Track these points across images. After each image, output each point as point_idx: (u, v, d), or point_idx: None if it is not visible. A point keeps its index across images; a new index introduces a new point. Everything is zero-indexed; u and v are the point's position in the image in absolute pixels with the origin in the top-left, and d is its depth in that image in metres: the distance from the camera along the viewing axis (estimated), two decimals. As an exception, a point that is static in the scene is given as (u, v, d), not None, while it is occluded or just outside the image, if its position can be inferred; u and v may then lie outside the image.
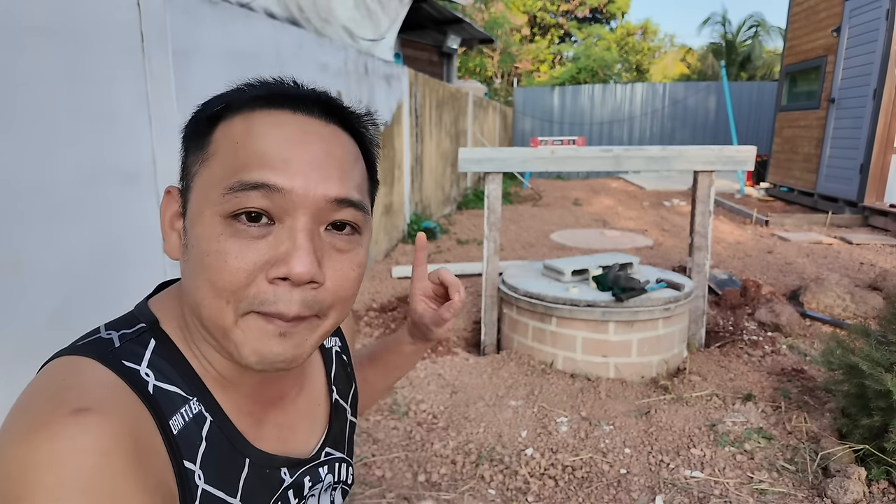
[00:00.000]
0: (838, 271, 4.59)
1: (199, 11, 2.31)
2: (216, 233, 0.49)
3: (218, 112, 0.53)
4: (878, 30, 6.60)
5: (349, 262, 0.53)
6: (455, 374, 2.79)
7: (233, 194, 0.48)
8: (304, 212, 0.50)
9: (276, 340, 0.50)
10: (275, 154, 0.49)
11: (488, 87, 19.53)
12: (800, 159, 8.45)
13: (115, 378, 0.49)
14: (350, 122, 0.56)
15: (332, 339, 0.76)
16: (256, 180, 0.48)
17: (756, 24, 17.80)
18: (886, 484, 1.91)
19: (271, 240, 0.49)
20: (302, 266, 0.48)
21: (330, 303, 0.53)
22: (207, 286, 0.49)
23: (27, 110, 1.54)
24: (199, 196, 0.51)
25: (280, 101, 0.52)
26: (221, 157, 0.51)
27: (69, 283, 1.68)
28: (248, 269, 0.48)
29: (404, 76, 5.55)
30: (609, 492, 1.96)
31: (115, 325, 0.55)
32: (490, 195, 3.02)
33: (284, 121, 0.51)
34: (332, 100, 0.55)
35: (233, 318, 0.50)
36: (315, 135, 0.52)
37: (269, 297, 0.49)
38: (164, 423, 0.50)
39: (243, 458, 0.57)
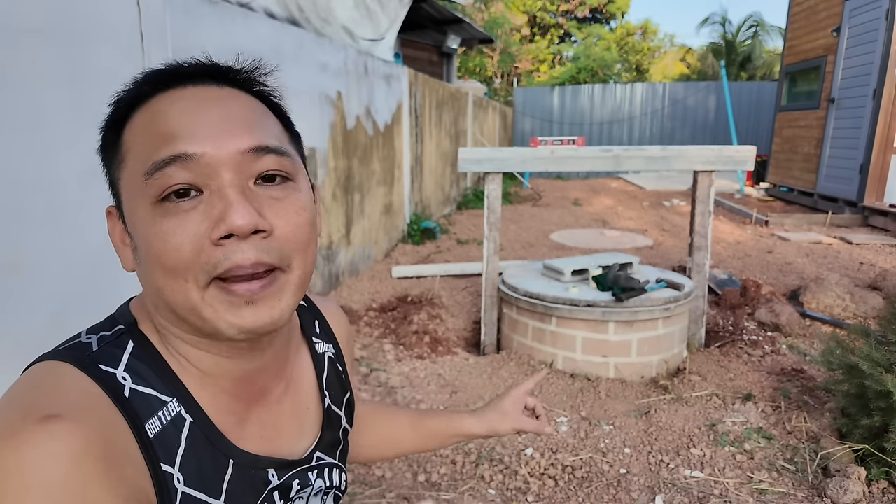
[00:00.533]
0: (838, 271, 4.59)
1: (198, 11, 2.31)
2: (151, 219, 0.49)
3: (119, 115, 0.53)
4: (878, 30, 6.60)
5: (291, 206, 0.53)
6: (455, 373, 2.79)
7: (152, 177, 0.49)
8: (224, 170, 0.50)
9: (246, 309, 0.50)
10: (177, 126, 0.50)
11: (488, 87, 19.52)
12: (799, 159, 8.45)
13: (89, 383, 0.49)
14: (244, 81, 0.56)
15: (326, 346, 0.75)
16: (167, 155, 0.49)
17: (755, 24, 17.80)
18: (886, 484, 1.91)
19: (203, 208, 0.49)
20: (240, 217, 0.48)
21: (287, 250, 0.52)
22: (160, 271, 0.50)
23: (27, 111, 1.54)
24: (128, 197, 0.52)
25: (169, 80, 0.53)
26: (134, 152, 0.51)
27: (69, 284, 1.68)
28: (190, 240, 0.48)
29: (404, 76, 5.55)
30: (609, 492, 1.96)
31: (95, 329, 0.56)
32: (490, 195, 3.02)
33: (178, 97, 0.52)
34: (219, 65, 0.55)
35: (197, 293, 0.49)
36: (211, 100, 0.52)
37: (220, 257, 0.49)
38: (139, 427, 0.50)
39: (226, 459, 0.56)
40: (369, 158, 4.66)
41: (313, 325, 0.74)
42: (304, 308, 0.75)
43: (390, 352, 3.05)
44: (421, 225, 6.00)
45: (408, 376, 2.75)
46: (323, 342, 0.74)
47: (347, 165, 4.19)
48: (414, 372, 2.79)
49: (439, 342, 3.20)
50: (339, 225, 4.13)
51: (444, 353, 3.07)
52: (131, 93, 0.53)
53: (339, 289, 4.12)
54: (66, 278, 1.67)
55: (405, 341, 3.17)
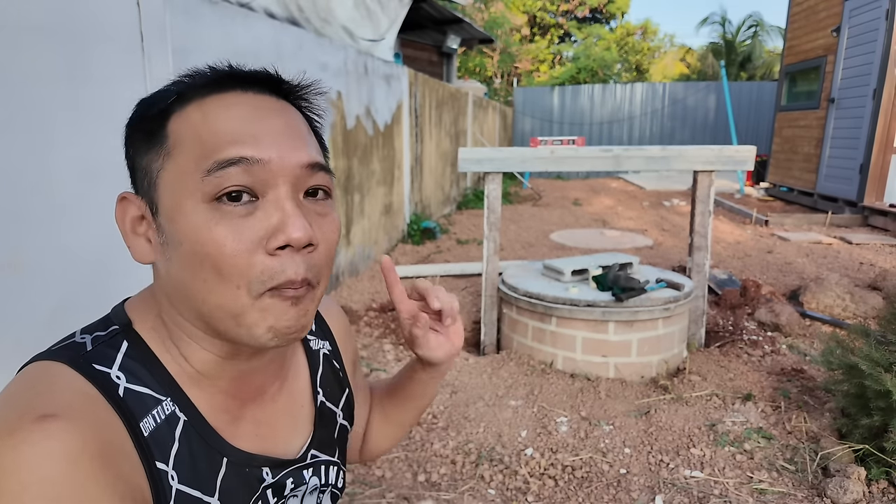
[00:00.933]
0: (838, 271, 4.59)
1: (198, 11, 2.31)
2: (204, 220, 0.49)
3: (168, 106, 0.52)
4: (878, 30, 6.60)
5: (332, 223, 0.55)
6: (455, 373, 2.79)
7: (212, 176, 0.48)
8: (283, 180, 0.50)
9: (292, 311, 0.51)
10: (242, 130, 0.50)
11: (488, 86, 19.52)
12: (799, 159, 8.46)
13: (84, 382, 0.49)
14: (295, 96, 0.58)
15: (321, 342, 0.75)
16: (233, 156, 0.49)
17: (755, 24, 17.81)
18: (886, 484, 1.91)
19: (259, 215, 0.50)
20: (299, 231, 0.49)
21: (321, 267, 0.54)
22: (212, 275, 0.49)
23: (27, 109, 1.54)
24: (172, 190, 0.51)
25: (228, 83, 0.53)
26: (186, 146, 0.50)
27: (68, 283, 1.68)
28: (247, 248, 0.49)
29: (404, 76, 5.55)
30: (609, 492, 1.96)
31: (89, 329, 0.56)
32: (490, 195, 3.02)
33: (238, 101, 0.52)
34: (277, 76, 0.56)
35: (249, 300, 0.50)
36: (271, 109, 0.53)
37: (277, 269, 0.49)
38: (134, 425, 0.50)
39: (220, 457, 0.56)
40: (369, 158, 4.66)
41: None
42: None
43: (390, 352, 3.05)
44: (421, 225, 6.00)
45: (408, 376, 2.75)
46: (318, 339, 0.74)
47: (347, 165, 4.19)
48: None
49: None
50: (338, 225, 4.12)
51: (444, 353, 3.07)
52: (186, 85, 0.53)
53: (339, 289, 4.12)
54: (66, 277, 1.67)
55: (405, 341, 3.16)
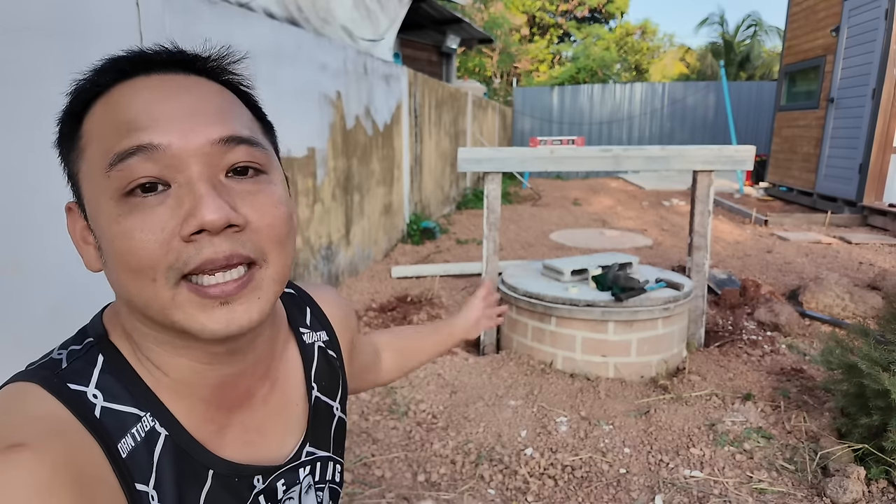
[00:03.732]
0: (837, 271, 4.59)
1: (197, 11, 2.31)
2: (114, 216, 0.46)
3: (78, 105, 0.50)
4: (878, 29, 6.60)
5: (267, 199, 0.50)
6: (454, 373, 2.79)
7: (115, 169, 0.46)
8: (193, 162, 0.47)
9: (221, 310, 0.48)
10: (141, 116, 0.47)
11: (487, 86, 19.52)
12: (799, 159, 8.46)
13: (56, 405, 0.47)
14: (212, 70, 0.53)
15: (316, 334, 0.71)
16: (130, 146, 0.46)
17: (754, 24, 17.81)
18: (885, 483, 1.91)
19: (171, 202, 0.46)
20: (212, 212, 0.45)
21: (263, 244, 0.49)
22: (125, 270, 0.47)
23: (27, 109, 1.54)
24: (89, 191, 0.49)
25: (132, 68, 0.50)
26: (94, 143, 0.48)
27: (68, 283, 1.67)
28: (157, 237, 0.45)
29: (403, 76, 5.55)
30: (608, 491, 1.96)
31: (66, 343, 0.54)
32: (489, 195, 3.02)
33: (142, 85, 0.49)
34: (185, 52, 0.52)
35: (167, 292, 0.47)
36: (176, 88, 0.49)
37: (191, 253, 0.46)
38: (111, 447, 0.48)
39: (205, 471, 0.54)
40: (369, 158, 4.66)
41: (303, 315, 0.71)
42: (293, 297, 0.72)
43: (390, 352, 3.05)
44: (420, 225, 6.00)
45: (407, 376, 2.75)
46: (313, 331, 0.71)
47: (347, 165, 4.19)
48: (413, 372, 2.79)
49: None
50: (338, 225, 4.12)
51: (444, 352, 3.07)
52: (91, 81, 0.50)
53: (339, 289, 4.12)
54: (66, 277, 1.67)
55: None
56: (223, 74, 0.54)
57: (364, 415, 2.43)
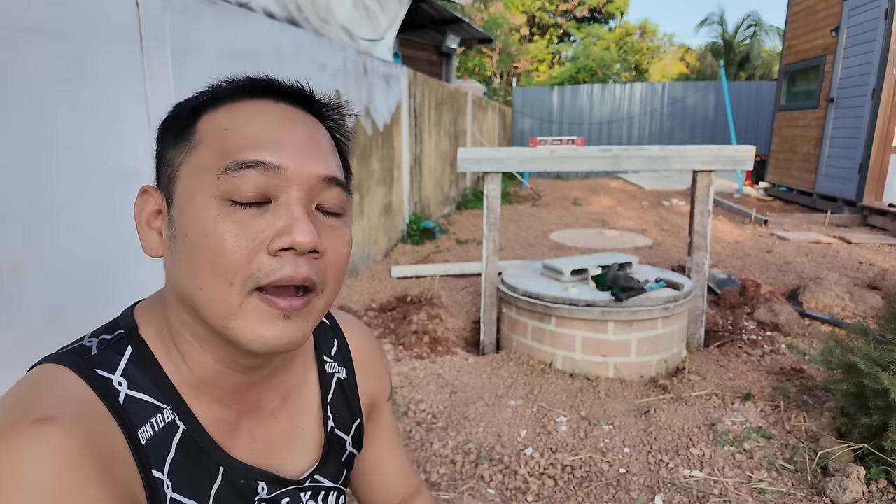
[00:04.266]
0: (837, 270, 4.59)
1: (197, 11, 2.31)
2: (212, 214, 0.49)
3: (201, 104, 0.54)
4: (877, 29, 6.60)
5: (340, 238, 0.55)
6: (454, 373, 2.79)
7: (228, 174, 0.49)
8: (297, 188, 0.51)
9: (281, 323, 0.51)
10: (266, 136, 0.51)
11: (487, 86, 19.51)
12: (799, 159, 8.46)
13: (85, 388, 0.49)
14: (325, 114, 0.59)
15: (338, 368, 0.72)
16: (252, 159, 0.50)
17: (754, 24, 17.81)
18: (885, 483, 1.91)
19: (269, 217, 0.50)
20: (304, 235, 0.49)
21: (328, 275, 0.54)
22: (207, 268, 0.49)
23: (27, 109, 1.54)
24: (189, 182, 0.52)
25: (262, 91, 0.55)
26: (210, 143, 0.51)
27: (68, 282, 1.67)
28: (248, 245, 0.49)
29: (403, 76, 5.55)
30: (608, 491, 1.96)
31: (97, 332, 0.56)
32: (489, 195, 3.02)
33: (268, 109, 0.54)
34: (310, 92, 0.57)
35: (238, 299, 0.49)
36: (298, 121, 0.55)
37: (274, 267, 0.49)
38: (132, 433, 0.50)
39: (217, 467, 0.56)
40: (368, 158, 4.66)
41: (330, 345, 0.73)
42: (325, 326, 0.74)
43: (390, 352, 3.05)
44: (420, 225, 6.00)
45: (407, 376, 2.75)
46: (336, 363, 0.72)
47: (347, 165, 4.19)
48: (413, 372, 2.79)
49: (439, 342, 3.20)
50: (338, 225, 4.12)
51: (444, 352, 3.07)
52: (222, 88, 0.54)
53: (339, 289, 4.12)
54: (65, 277, 1.67)
55: (404, 341, 3.17)
56: (331, 123, 0.60)
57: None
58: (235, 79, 0.55)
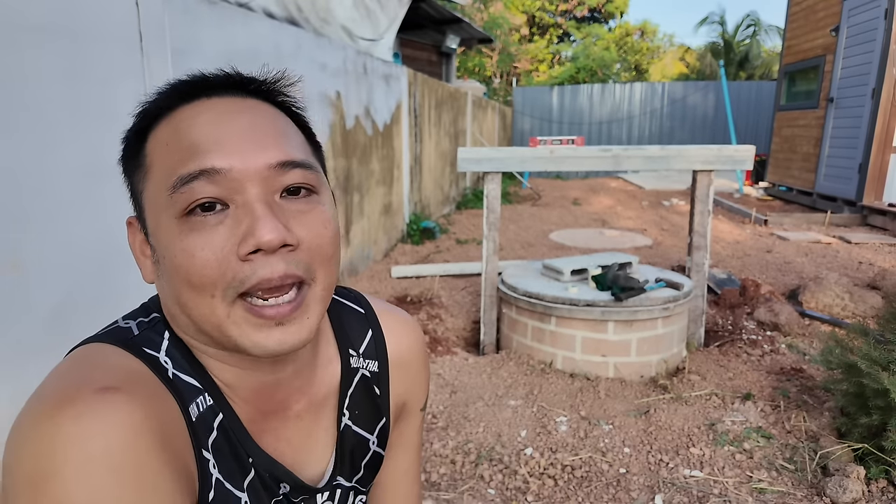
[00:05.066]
0: (837, 270, 4.59)
1: (197, 11, 2.31)
2: (176, 234, 0.48)
3: (143, 126, 0.53)
4: (877, 29, 6.61)
5: (317, 219, 0.52)
6: (454, 373, 2.79)
7: (178, 192, 0.48)
8: (251, 184, 0.49)
9: (276, 330, 0.50)
10: (203, 139, 0.49)
11: (487, 86, 19.51)
12: (798, 159, 8.46)
13: (137, 363, 0.50)
14: (267, 92, 0.56)
15: (366, 361, 0.68)
16: (193, 169, 0.48)
17: (753, 24, 17.81)
18: (885, 483, 1.91)
19: (230, 223, 0.48)
20: (269, 232, 0.47)
21: (313, 263, 0.52)
22: (185, 287, 0.49)
23: (27, 109, 1.54)
24: (151, 209, 0.51)
25: (193, 91, 0.53)
26: (158, 164, 0.50)
27: (69, 282, 1.67)
28: (217, 256, 0.48)
29: (403, 76, 5.55)
30: (608, 491, 1.96)
31: (132, 315, 0.56)
32: (489, 195, 3.02)
33: (203, 108, 0.51)
34: (241, 75, 0.55)
35: (223, 309, 0.49)
36: (235, 112, 0.52)
37: (248, 273, 0.48)
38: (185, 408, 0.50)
39: (247, 458, 0.56)
40: (368, 158, 4.66)
41: (362, 337, 0.69)
42: (358, 315, 0.71)
43: (390, 351, 3.05)
44: (420, 225, 6.00)
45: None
46: (362, 357, 0.68)
47: (346, 165, 4.19)
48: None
49: (438, 342, 3.20)
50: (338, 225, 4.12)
51: (444, 352, 3.07)
52: (155, 104, 0.53)
53: (339, 289, 4.12)
54: (66, 277, 1.67)
55: None
56: (277, 97, 0.57)
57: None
58: (165, 88, 0.53)
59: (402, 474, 0.78)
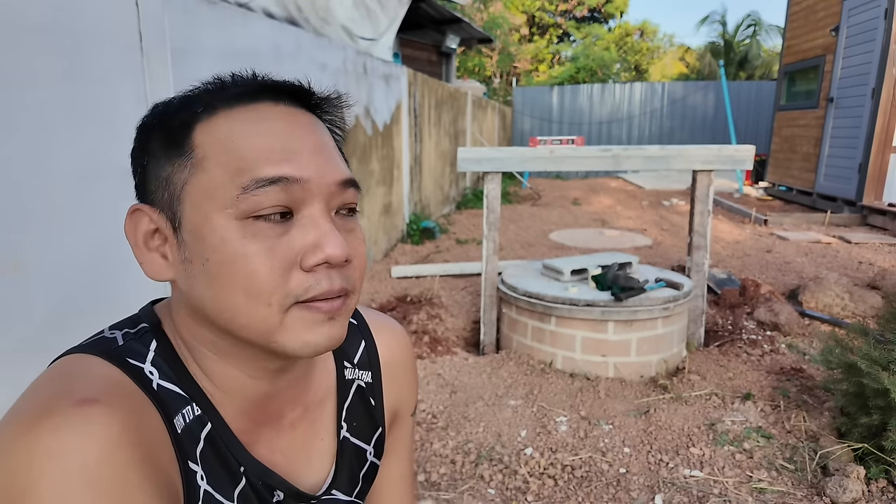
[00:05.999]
0: (837, 270, 4.59)
1: (197, 11, 2.31)
2: (237, 237, 0.47)
3: (194, 115, 0.50)
4: (877, 29, 6.61)
5: (359, 237, 0.55)
6: (454, 373, 2.79)
7: (249, 193, 0.47)
8: (320, 198, 0.50)
9: (327, 325, 0.51)
10: (279, 147, 0.49)
11: (487, 86, 19.51)
12: (798, 158, 8.46)
13: (120, 374, 0.49)
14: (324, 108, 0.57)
15: (360, 372, 0.69)
16: (273, 175, 0.47)
17: (754, 24, 17.81)
18: (885, 482, 1.91)
19: (294, 233, 0.49)
20: (337, 248, 0.49)
21: (357, 278, 0.54)
22: (240, 293, 0.48)
23: (26, 109, 1.54)
24: (200, 203, 0.49)
25: (257, 94, 0.51)
26: (216, 159, 0.48)
27: (68, 283, 1.67)
28: (281, 265, 0.48)
29: (403, 76, 5.55)
30: (608, 491, 1.96)
31: (119, 326, 0.55)
32: (489, 195, 3.02)
33: (270, 115, 0.51)
34: (308, 88, 0.55)
35: (278, 316, 0.49)
36: (306, 125, 0.52)
37: (311, 283, 0.49)
38: (169, 420, 0.49)
39: (239, 467, 0.55)
40: (368, 158, 4.66)
41: (355, 348, 0.70)
42: (351, 326, 0.71)
43: (390, 351, 3.05)
44: (420, 225, 6.00)
45: (407, 376, 2.75)
46: (356, 368, 0.69)
47: (346, 165, 4.19)
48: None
49: (438, 342, 3.20)
50: (338, 225, 4.12)
51: (444, 352, 3.07)
52: (213, 94, 0.51)
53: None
54: (66, 278, 1.67)
55: (404, 341, 3.16)
56: (330, 116, 0.58)
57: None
58: (224, 80, 0.52)
59: (397, 480, 0.78)
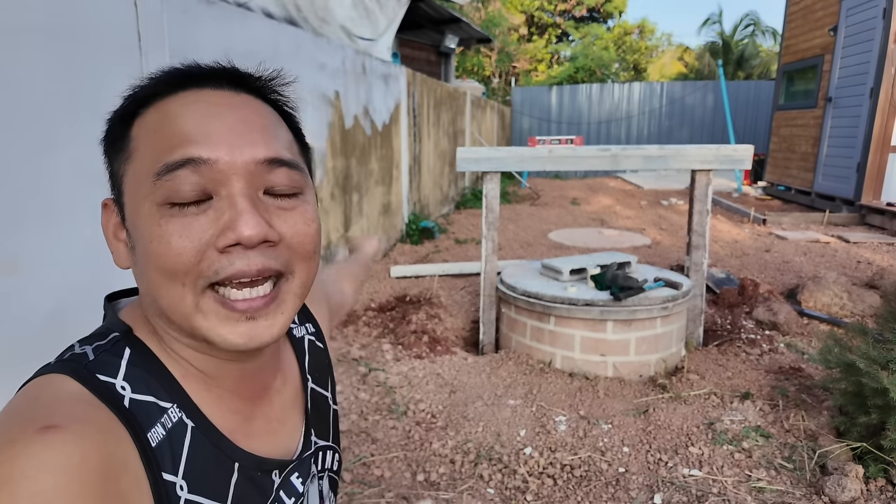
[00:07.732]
0: (836, 269, 4.60)
1: (196, 11, 2.31)
2: (155, 220, 0.48)
3: (130, 110, 0.52)
4: (875, 28, 6.61)
5: (300, 216, 0.53)
6: (454, 373, 2.79)
7: (162, 179, 0.48)
8: (237, 178, 0.49)
9: (245, 325, 0.50)
10: (192, 129, 0.49)
11: (486, 86, 19.51)
12: (797, 158, 8.47)
13: (87, 394, 0.48)
14: (260, 89, 0.56)
15: (303, 328, 0.73)
16: (180, 157, 0.48)
17: (752, 23, 17.82)
18: (884, 481, 1.91)
19: (212, 213, 0.48)
20: (250, 228, 0.47)
21: (292, 258, 0.52)
22: (158, 273, 0.49)
23: (25, 110, 1.53)
24: (132, 194, 0.51)
25: (185, 81, 0.52)
26: (142, 149, 0.50)
27: (66, 283, 1.67)
28: (194, 245, 0.47)
29: (402, 76, 5.55)
30: (608, 490, 1.96)
31: (89, 339, 0.54)
32: (488, 195, 3.02)
33: (194, 99, 0.51)
34: (237, 70, 0.54)
35: (192, 298, 0.49)
36: (227, 105, 0.52)
37: (224, 264, 0.48)
38: (141, 436, 0.49)
39: (231, 463, 0.55)
40: (367, 158, 4.66)
41: None
42: None
43: (389, 351, 3.05)
44: (419, 224, 6.00)
45: (406, 376, 2.75)
46: (300, 325, 0.73)
47: (346, 165, 4.19)
48: (412, 371, 2.79)
49: (438, 342, 3.20)
50: (337, 224, 4.12)
51: (443, 352, 3.07)
52: (146, 88, 0.52)
53: (338, 288, 4.12)
54: (64, 279, 1.67)
55: (404, 341, 3.17)
56: (270, 94, 0.57)
57: (363, 414, 2.43)
58: (158, 73, 0.53)
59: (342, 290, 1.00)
